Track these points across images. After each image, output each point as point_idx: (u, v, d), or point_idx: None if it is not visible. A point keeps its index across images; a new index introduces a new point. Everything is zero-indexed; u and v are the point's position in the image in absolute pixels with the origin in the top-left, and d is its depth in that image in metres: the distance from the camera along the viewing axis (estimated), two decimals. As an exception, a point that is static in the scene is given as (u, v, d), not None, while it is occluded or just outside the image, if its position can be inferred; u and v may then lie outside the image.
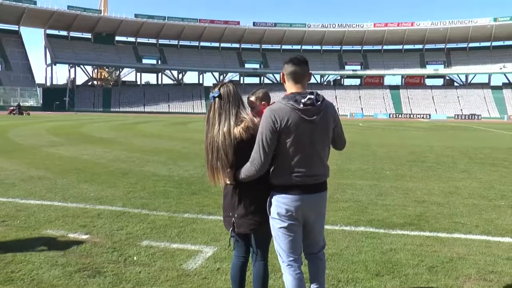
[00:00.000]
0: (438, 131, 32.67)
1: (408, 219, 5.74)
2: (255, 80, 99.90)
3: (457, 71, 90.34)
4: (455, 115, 77.97)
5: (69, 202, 6.37)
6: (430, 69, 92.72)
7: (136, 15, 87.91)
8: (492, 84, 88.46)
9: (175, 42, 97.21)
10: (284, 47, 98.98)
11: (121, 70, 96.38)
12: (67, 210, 5.86)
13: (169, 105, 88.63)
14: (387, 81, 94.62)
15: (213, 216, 5.71)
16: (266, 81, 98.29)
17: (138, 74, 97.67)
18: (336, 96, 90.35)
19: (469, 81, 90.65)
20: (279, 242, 2.69)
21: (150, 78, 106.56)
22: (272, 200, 2.66)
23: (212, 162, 2.73)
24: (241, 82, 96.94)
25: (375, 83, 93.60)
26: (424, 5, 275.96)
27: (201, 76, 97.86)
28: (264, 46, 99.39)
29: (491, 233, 5.17)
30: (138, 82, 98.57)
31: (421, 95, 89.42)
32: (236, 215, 2.76)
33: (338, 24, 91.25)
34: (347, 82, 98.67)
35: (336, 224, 5.42)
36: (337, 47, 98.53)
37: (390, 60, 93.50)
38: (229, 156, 2.67)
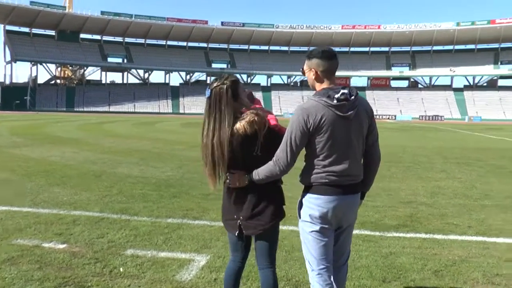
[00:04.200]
0: (406, 131, 33.24)
1: (400, 220, 5.60)
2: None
3: (422, 73, 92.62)
4: (419, 116, 79.85)
5: (40, 207, 5.88)
6: (395, 71, 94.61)
7: (102, 12, 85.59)
8: (454, 86, 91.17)
9: (141, 40, 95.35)
10: (251, 47, 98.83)
11: (85, 68, 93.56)
12: (39, 217, 5.38)
13: (134, 105, 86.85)
14: (354, 82, 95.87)
15: (199, 221, 5.39)
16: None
17: (104, 73, 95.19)
18: (303, 97, 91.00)
19: (432, 83, 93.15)
20: (310, 247, 2.45)
21: (115, 77, 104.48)
22: (304, 201, 2.45)
23: (208, 164, 2.59)
24: (208, 82, 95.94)
25: (342, 84, 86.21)
26: (390, 9, 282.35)
27: (167, 75, 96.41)
28: (231, 46, 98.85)
29: (486, 234, 5.10)
30: (103, 81, 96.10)
31: (386, 96, 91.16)
32: (241, 217, 2.58)
33: (306, 26, 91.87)
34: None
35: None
36: (305, 48, 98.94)
37: (357, 61, 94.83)
38: (225, 157, 2.50)
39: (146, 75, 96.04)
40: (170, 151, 13.70)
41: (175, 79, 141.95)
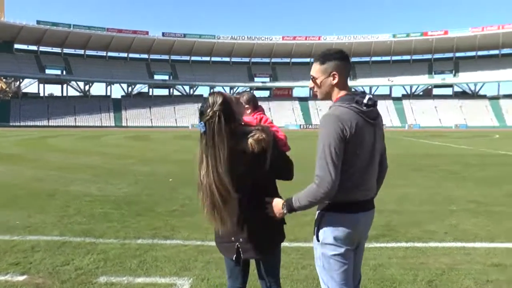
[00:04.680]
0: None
1: (378, 230, 5.50)
2: (165, 92, 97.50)
3: (362, 83, 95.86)
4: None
5: (-11, 233, 5.26)
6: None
7: (38, 22, 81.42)
8: (393, 95, 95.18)
9: (81, 51, 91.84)
10: (193, 58, 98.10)
11: (21, 80, 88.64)
12: (-11, 244, 4.80)
13: (75, 118, 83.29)
14: (296, 93, 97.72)
15: (171, 241, 5.03)
16: (176, 92, 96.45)
17: (41, 85, 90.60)
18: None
19: (372, 93, 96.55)
20: (332, 272, 2.19)
21: (54, 89, 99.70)
22: (325, 221, 2.18)
23: (207, 206, 2.28)
24: (150, 94, 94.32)
25: (284, 95, 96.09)
26: (330, 21, 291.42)
27: (108, 87, 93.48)
28: (173, 57, 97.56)
29: (463, 240, 5.13)
30: (41, 94, 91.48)
31: (328, 106, 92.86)
32: (241, 239, 2.34)
33: (248, 37, 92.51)
34: (256, 93, 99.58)
35: (309, 241, 5.01)
36: (246, 59, 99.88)
37: (299, 72, 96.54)
38: (227, 199, 2.22)
39: (87, 87, 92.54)
40: (122, 166, 13.05)
41: (117, 91, 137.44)
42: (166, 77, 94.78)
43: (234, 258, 2.37)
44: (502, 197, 7.90)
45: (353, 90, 2.27)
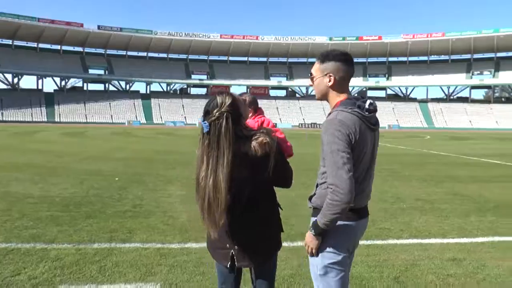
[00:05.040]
0: (292, 138, 34.73)
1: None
2: (100, 86, 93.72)
3: (298, 83, 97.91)
4: (299, 124, 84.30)
5: None
6: (274, 81, 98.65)
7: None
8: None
9: (9, 41, 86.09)
10: (129, 53, 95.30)
11: None
12: None
13: (2, 113, 77.91)
14: (233, 91, 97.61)
15: (129, 244, 4.80)
16: (112, 88, 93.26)
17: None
18: (183, 105, 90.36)
19: (309, 93, 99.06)
20: (329, 280, 2.15)
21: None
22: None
23: (205, 209, 2.15)
24: (85, 88, 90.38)
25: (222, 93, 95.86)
26: (268, 21, 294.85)
27: (40, 81, 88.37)
28: (109, 52, 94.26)
29: (418, 236, 5.36)
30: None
31: (266, 105, 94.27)
32: (236, 246, 2.24)
33: (185, 33, 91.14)
34: (193, 91, 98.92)
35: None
36: (184, 56, 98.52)
37: (236, 70, 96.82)
38: (222, 202, 2.11)
39: (16, 80, 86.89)
40: (63, 164, 12.37)
41: (49, 85, 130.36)
42: (102, 72, 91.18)
43: (228, 266, 2.27)
44: (444, 194, 8.34)
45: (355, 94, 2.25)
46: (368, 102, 2.12)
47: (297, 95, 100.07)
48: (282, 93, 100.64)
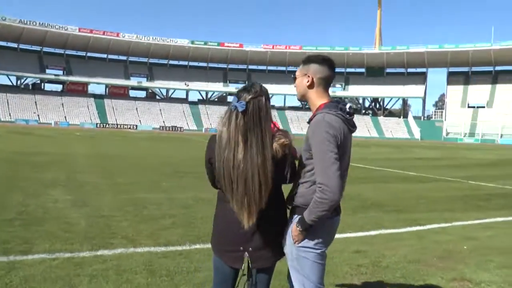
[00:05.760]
0: (161, 141, 34.07)
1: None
2: None
3: (159, 85, 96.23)
4: (160, 126, 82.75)
5: None
6: (134, 81, 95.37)
7: None
8: (189, 99, 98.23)
9: None
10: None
11: None
12: None
13: None
14: (91, 89, 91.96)
15: (32, 256, 4.29)
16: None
17: None
18: (36, 102, 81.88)
19: (169, 95, 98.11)
20: (309, 274, 2.23)
21: None
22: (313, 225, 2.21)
23: (239, 194, 2.09)
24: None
25: (79, 90, 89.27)
26: (129, 18, 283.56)
27: None
28: None
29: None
30: None
31: (125, 105, 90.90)
32: (251, 248, 2.19)
33: (39, 23, 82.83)
34: (48, 87, 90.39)
35: (179, 245, 4.91)
36: (37, 48, 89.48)
37: (95, 68, 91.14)
38: (269, 184, 2.09)
39: None
40: None
41: None
42: None
43: (242, 268, 2.22)
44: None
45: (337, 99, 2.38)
46: (348, 105, 2.26)
47: (157, 97, 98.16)
48: (142, 94, 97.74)
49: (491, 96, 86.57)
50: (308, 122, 2.30)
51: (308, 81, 2.29)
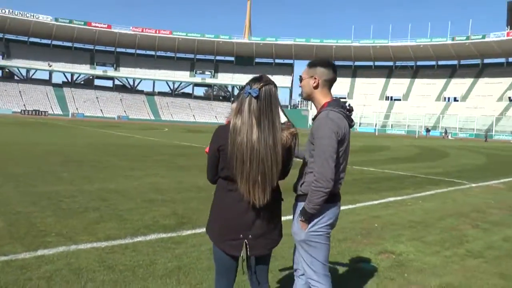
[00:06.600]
0: (32, 127, 30.99)
1: (172, 219, 5.68)
2: None
3: (18, 64, 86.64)
4: (21, 110, 74.53)
5: None
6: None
7: None
8: (53, 81, 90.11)
9: None
10: None
11: None
12: None
13: None
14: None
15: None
16: None
17: None
18: None
19: (30, 76, 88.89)
20: (317, 254, 2.55)
21: None
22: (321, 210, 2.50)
23: (256, 172, 2.25)
24: None
25: None
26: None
27: None
28: None
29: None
30: None
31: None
32: (251, 235, 2.34)
33: None
34: None
35: (120, 238, 4.81)
36: None
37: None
38: (279, 165, 2.30)
39: None
40: None
41: None
42: None
43: (241, 255, 2.33)
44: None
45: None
46: (347, 103, 2.60)
47: (15, 77, 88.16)
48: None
49: (351, 88, 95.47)
50: (313, 119, 2.58)
51: (314, 83, 2.57)
